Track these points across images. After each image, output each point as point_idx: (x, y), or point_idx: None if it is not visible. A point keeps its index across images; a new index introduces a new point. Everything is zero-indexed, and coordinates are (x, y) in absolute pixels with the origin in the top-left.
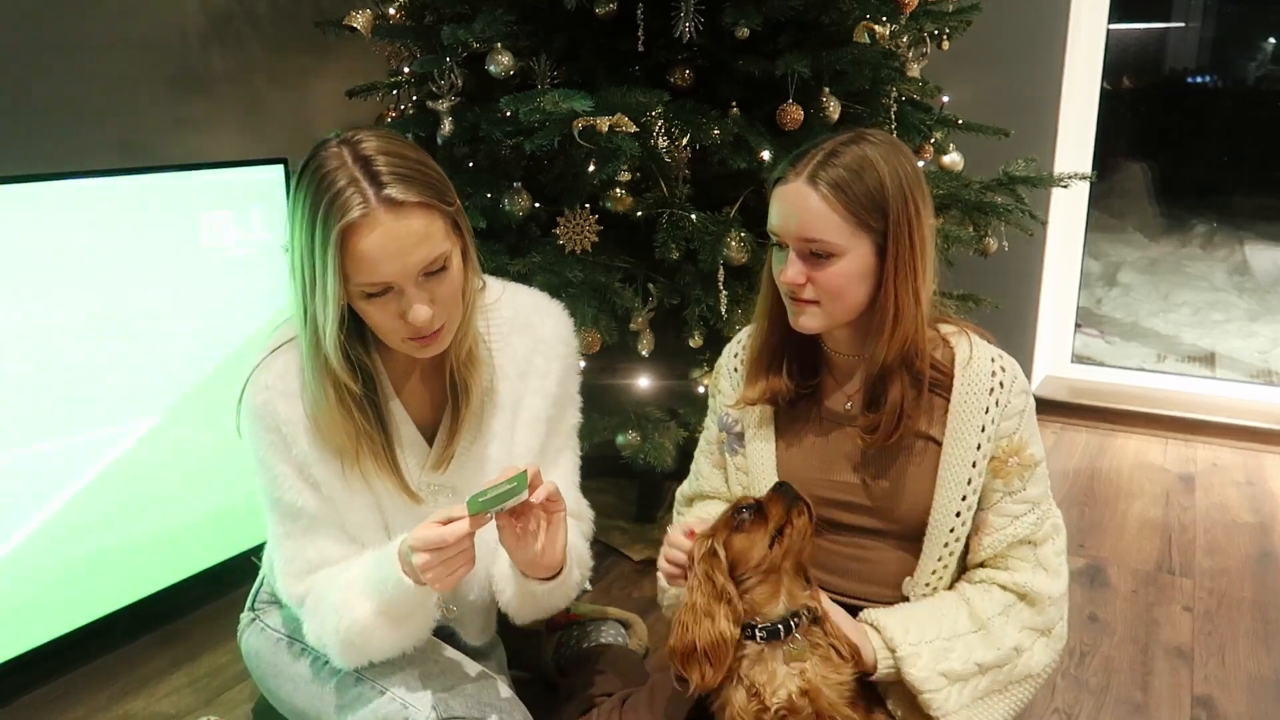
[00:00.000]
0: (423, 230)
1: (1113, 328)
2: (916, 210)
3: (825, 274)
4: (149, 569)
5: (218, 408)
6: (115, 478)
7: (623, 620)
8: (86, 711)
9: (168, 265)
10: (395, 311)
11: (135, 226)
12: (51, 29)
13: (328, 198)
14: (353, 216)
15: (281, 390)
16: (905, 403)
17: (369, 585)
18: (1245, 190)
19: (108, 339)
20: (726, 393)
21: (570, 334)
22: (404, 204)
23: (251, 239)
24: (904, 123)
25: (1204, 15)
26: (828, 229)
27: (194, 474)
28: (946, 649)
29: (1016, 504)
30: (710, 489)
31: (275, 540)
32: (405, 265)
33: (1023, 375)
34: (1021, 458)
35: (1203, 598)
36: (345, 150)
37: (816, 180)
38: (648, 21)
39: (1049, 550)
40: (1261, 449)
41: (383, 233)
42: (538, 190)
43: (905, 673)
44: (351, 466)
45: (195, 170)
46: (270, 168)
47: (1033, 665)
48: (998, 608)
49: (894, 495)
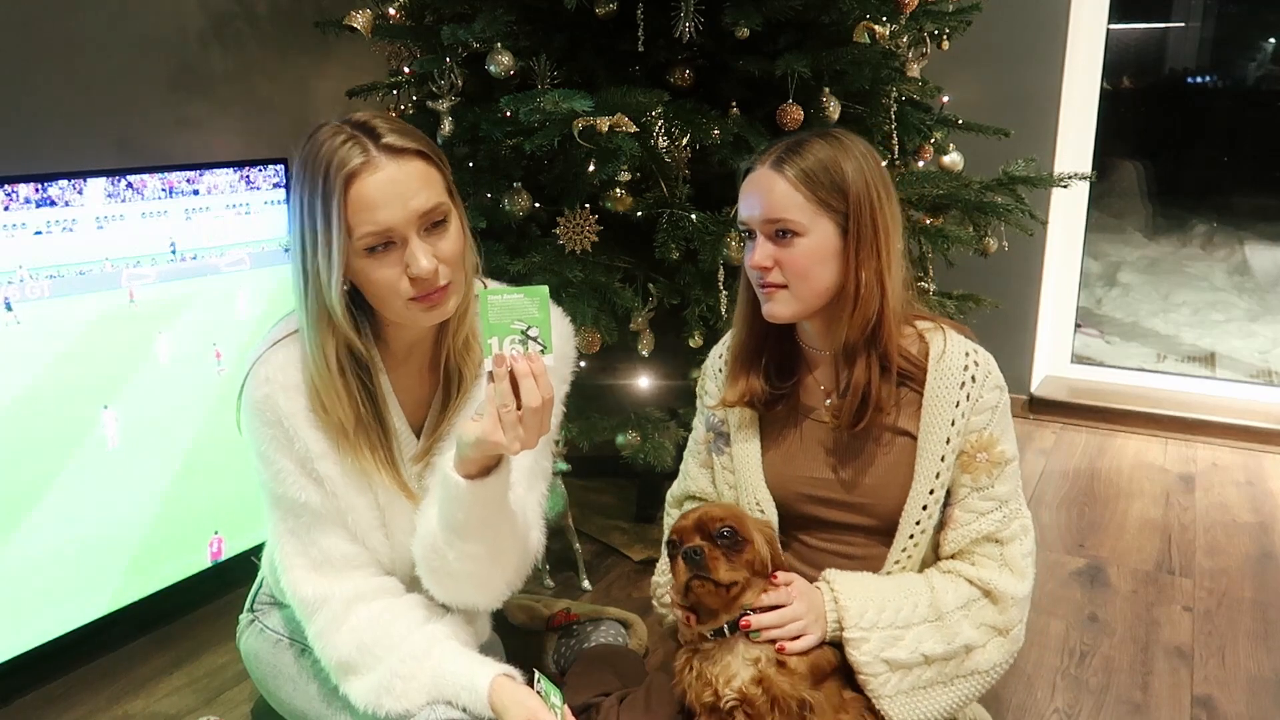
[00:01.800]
0: (422, 175)
1: (1113, 328)
2: (878, 196)
3: (790, 254)
4: (149, 569)
5: (218, 407)
6: (115, 477)
7: (622, 620)
8: (86, 711)
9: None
10: (398, 267)
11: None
12: (52, 29)
13: (326, 157)
14: (354, 164)
15: (282, 383)
16: (873, 388)
17: (436, 692)
18: (1245, 190)
19: (106, 336)
20: (712, 393)
21: (562, 339)
22: (403, 150)
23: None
24: (904, 123)
25: (1204, 15)
26: (791, 208)
27: (193, 474)
28: (895, 637)
29: (983, 500)
30: (698, 490)
31: (278, 536)
32: (408, 210)
33: (998, 371)
34: (991, 454)
35: (1203, 598)
36: (339, 122)
37: (781, 166)
38: (648, 21)
39: (1016, 550)
40: (1261, 449)
41: (384, 176)
42: (538, 190)
43: (849, 653)
44: (351, 457)
45: (195, 170)
46: (270, 167)
47: (982, 662)
48: (959, 601)
49: (872, 490)
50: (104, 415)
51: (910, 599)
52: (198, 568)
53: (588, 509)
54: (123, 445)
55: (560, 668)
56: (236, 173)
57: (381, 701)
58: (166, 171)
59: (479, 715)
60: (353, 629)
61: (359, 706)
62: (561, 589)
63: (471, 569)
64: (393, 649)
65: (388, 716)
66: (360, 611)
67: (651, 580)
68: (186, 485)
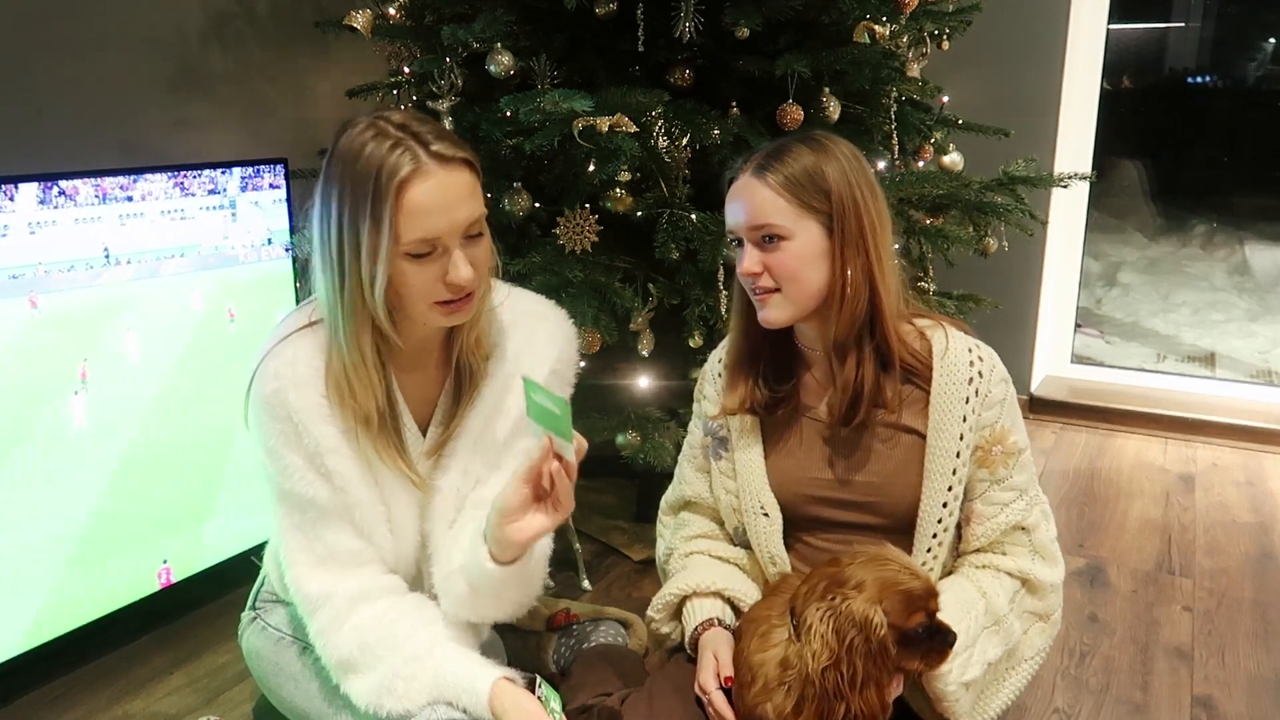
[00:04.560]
0: (469, 185)
1: (1113, 328)
2: (862, 195)
3: (778, 258)
4: (148, 569)
5: (218, 406)
6: (114, 476)
7: (622, 620)
8: (86, 711)
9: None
10: (437, 273)
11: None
12: (52, 29)
13: (375, 161)
14: (406, 171)
15: (292, 378)
16: (864, 382)
17: (437, 693)
18: (1245, 190)
19: (105, 336)
20: (711, 398)
21: (565, 342)
22: (452, 159)
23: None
24: (904, 123)
25: (1204, 15)
26: (774, 213)
27: (194, 473)
28: (968, 659)
29: (1004, 491)
30: (693, 494)
31: (283, 532)
32: (454, 219)
33: (1001, 364)
34: (1005, 445)
35: (1203, 598)
36: (379, 123)
37: (764, 172)
38: (648, 21)
39: (1044, 536)
40: (1261, 449)
41: (436, 183)
42: (538, 190)
43: (933, 686)
44: (369, 447)
45: (195, 170)
46: (270, 167)
47: (1027, 650)
48: (1008, 597)
49: (881, 490)
50: (104, 414)
51: (970, 612)
52: (198, 568)
53: (588, 509)
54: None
55: (560, 668)
56: (171, 179)
57: (382, 701)
58: (166, 171)
59: (479, 718)
60: (355, 628)
61: (360, 706)
62: (561, 589)
63: (497, 609)
64: (395, 649)
65: (389, 716)
66: (363, 610)
67: (649, 614)
68: (187, 484)
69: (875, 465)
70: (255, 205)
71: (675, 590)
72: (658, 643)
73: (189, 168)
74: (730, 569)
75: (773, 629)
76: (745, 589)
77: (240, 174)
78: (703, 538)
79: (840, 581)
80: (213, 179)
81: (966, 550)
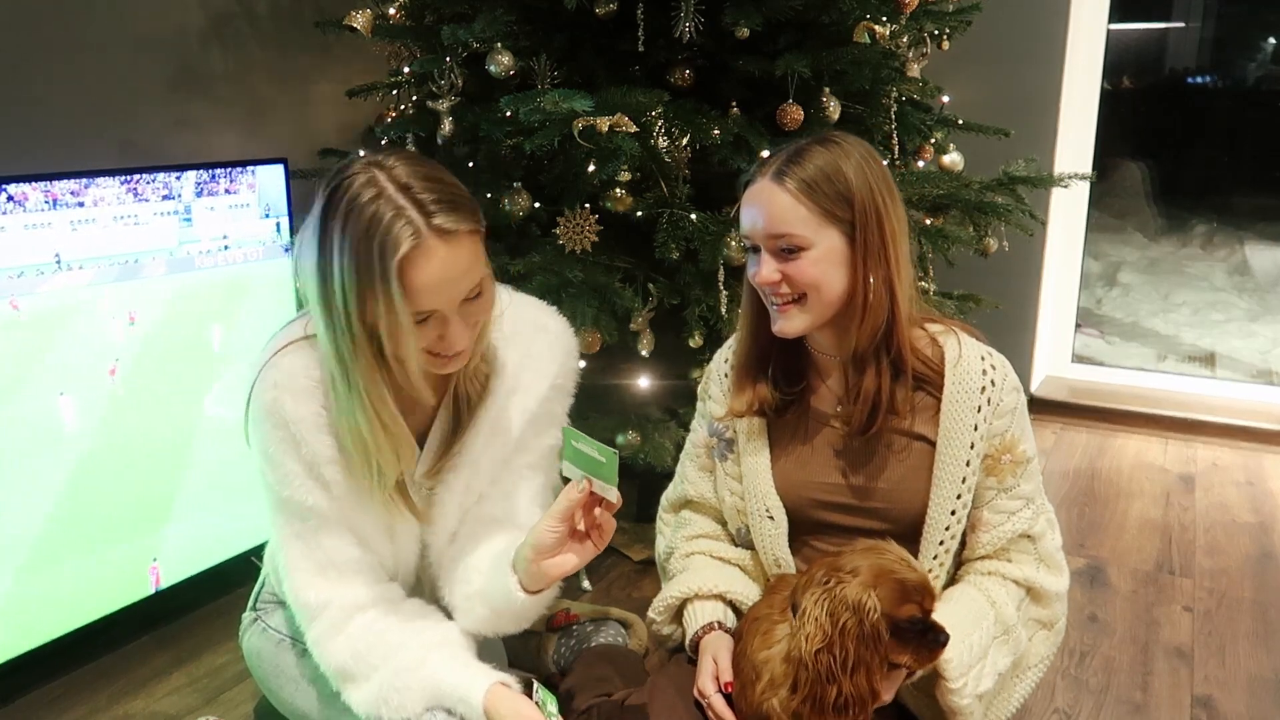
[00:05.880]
0: (470, 258)
1: (1113, 328)
2: (884, 201)
3: (797, 267)
4: (139, 567)
5: (217, 406)
6: (115, 475)
7: (623, 620)
8: (86, 711)
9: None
10: (433, 335)
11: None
12: (52, 29)
13: (378, 234)
14: (406, 249)
15: (290, 388)
16: (883, 393)
17: (434, 703)
18: (1245, 190)
19: (102, 338)
20: (717, 398)
21: (565, 354)
22: (455, 233)
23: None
24: (904, 123)
25: (1204, 15)
26: (795, 222)
27: (193, 472)
28: (981, 670)
29: (1011, 500)
30: (696, 494)
31: (282, 540)
32: (453, 295)
33: (1013, 373)
34: (1014, 454)
35: (1203, 598)
36: (380, 175)
37: (783, 177)
38: (648, 21)
39: (1049, 545)
40: (1261, 449)
41: (438, 264)
42: (538, 190)
43: (948, 700)
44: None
45: (195, 170)
46: (270, 168)
47: (1032, 658)
48: (1015, 605)
49: (888, 496)
50: (104, 413)
51: (981, 624)
52: (198, 568)
53: None
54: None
55: (560, 668)
56: (125, 184)
57: (380, 713)
58: (166, 171)
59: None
60: (349, 636)
61: (360, 716)
62: (562, 589)
63: (516, 627)
64: (387, 658)
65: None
66: (358, 619)
67: (649, 615)
68: (186, 483)
69: (884, 472)
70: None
71: (677, 593)
72: (658, 643)
73: (188, 168)
74: (732, 570)
75: (774, 626)
76: (747, 591)
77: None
78: (704, 538)
79: (836, 568)
80: (167, 184)
81: (971, 557)
